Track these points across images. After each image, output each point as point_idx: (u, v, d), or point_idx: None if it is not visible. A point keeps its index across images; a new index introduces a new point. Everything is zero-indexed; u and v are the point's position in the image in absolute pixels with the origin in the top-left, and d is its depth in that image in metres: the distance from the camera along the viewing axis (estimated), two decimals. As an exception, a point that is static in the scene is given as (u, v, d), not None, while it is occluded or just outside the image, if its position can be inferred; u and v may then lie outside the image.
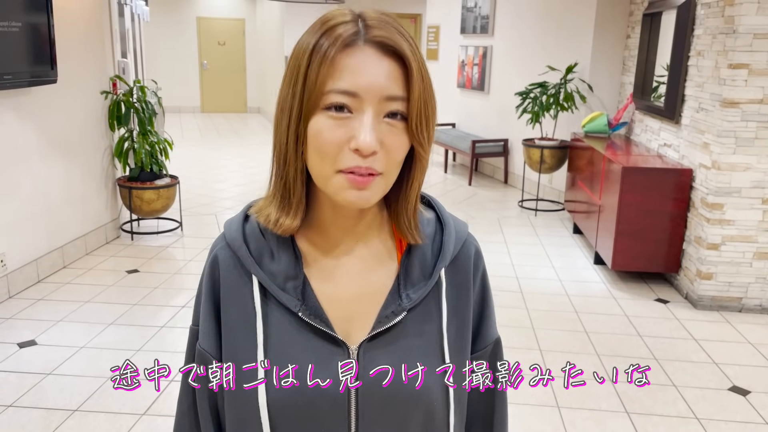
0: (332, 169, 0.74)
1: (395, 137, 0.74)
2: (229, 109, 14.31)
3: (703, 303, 3.92)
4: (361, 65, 0.72)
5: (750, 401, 2.93)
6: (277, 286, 0.81)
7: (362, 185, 0.73)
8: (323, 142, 0.73)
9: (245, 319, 0.82)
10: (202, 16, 13.78)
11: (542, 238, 5.30)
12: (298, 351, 0.80)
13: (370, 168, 0.73)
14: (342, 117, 0.72)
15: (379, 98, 0.72)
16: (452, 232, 0.86)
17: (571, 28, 6.04)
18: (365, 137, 0.71)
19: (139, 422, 2.62)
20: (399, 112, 0.73)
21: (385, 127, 0.73)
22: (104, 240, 4.86)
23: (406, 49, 0.73)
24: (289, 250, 0.82)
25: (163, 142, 5.03)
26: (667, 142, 4.55)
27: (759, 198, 3.76)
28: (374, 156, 0.73)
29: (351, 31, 0.73)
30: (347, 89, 0.71)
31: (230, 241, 0.84)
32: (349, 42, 0.72)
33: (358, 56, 0.72)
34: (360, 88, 0.72)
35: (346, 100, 0.72)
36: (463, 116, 8.22)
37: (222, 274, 0.84)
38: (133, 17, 7.04)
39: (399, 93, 0.73)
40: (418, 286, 0.83)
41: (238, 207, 6.04)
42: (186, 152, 8.85)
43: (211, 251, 0.87)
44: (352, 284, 0.83)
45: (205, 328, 0.85)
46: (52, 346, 3.24)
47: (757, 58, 3.60)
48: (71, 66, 4.32)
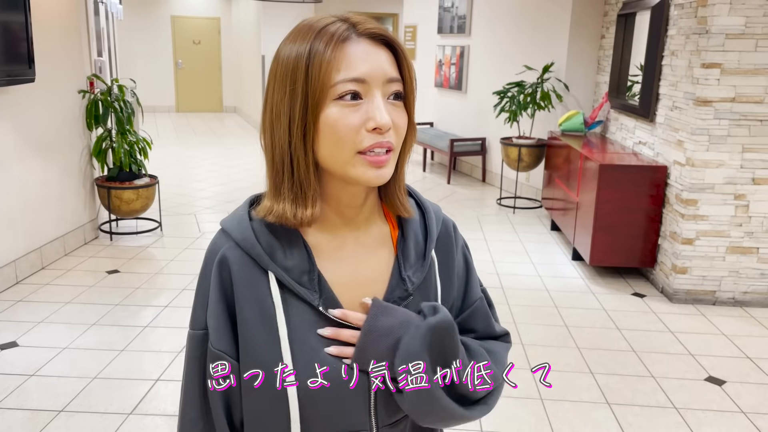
0: (352, 152, 0.80)
1: (400, 115, 0.82)
2: (204, 109, 14.19)
3: (678, 297, 4.02)
4: (363, 54, 0.79)
5: (725, 390, 3.02)
6: (294, 281, 0.84)
7: (381, 164, 0.81)
8: (341, 129, 0.79)
9: (264, 317, 0.84)
10: (177, 15, 13.65)
11: (521, 235, 5.38)
12: (321, 342, 0.84)
13: (389, 143, 0.81)
14: (355, 104, 0.79)
15: (383, 81, 0.80)
16: (432, 215, 0.95)
17: (547, 28, 6.13)
18: (382, 115, 0.78)
19: (127, 421, 2.61)
20: (399, 92, 0.82)
21: (390, 107, 0.81)
22: (83, 241, 4.81)
23: (394, 37, 0.83)
24: (300, 245, 0.85)
25: (142, 141, 4.99)
26: (642, 140, 4.65)
27: (731, 194, 3.87)
28: (389, 132, 0.81)
29: (343, 27, 0.80)
30: (356, 77, 0.78)
31: (240, 241, 0.85)
32: (344, 37, 0.79)
33: (356, 48, 0.79)
34: (367, 74, 0.79)
35: (357, 87, 0.79)
36: (441, 115, 8.28)
37: (234, 274, 0.85)
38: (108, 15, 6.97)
39: (397, 75, 0.82)
40: (415, 267, 0.90)
41: (218, 206, 6.02)
42: (163, 152, 8.77)
43: (211, 253, 0.88)
44: (357, 271, 0.88)
45: (218, 329, 0.86)
46: (33, 348, 3.21)
47: (729, 57, 3.70)
48: (48, 65, 4.27)
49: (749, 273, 3.95)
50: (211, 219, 5.62)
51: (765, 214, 3.87)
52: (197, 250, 4.75)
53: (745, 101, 3.74)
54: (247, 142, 10.23)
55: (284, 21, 10.71)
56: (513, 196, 6.51)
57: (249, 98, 12.35)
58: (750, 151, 3.80)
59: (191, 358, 0.89)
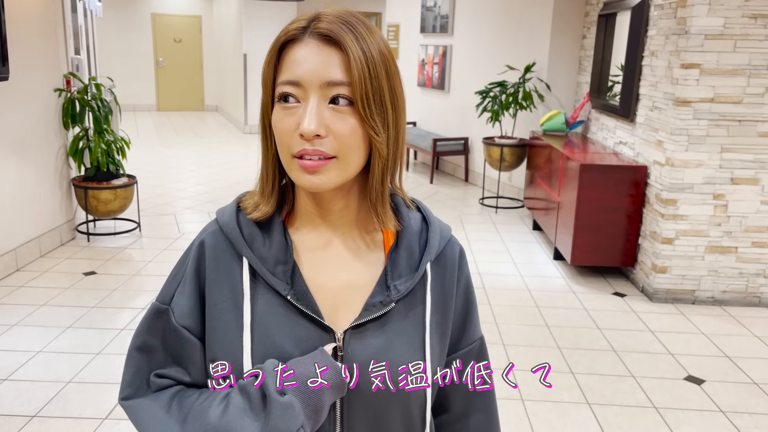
0: (289, 156, 0.79)
1: (341, 121, 0.77)
2: (185, 108, 14.07)
3: (658, 296, 4.04)
4: (303, 56, 0.77)
5: (705, 390, 3.03)
6: (267, 270, 0.83)
7: (313, 170, 0.77)
8: (278, 132, 0.79)
9: (233, 301, 0.84)
10: (157, 13, 13.51)
11: (503, 235, 5.38)
12: (284, 335, 0.82)
13: (318, 151, 0.76)
14: (291, 107, 0.77)
15: (320, 84, 0.76)
16: (437, 230, 0.91)
17: (529, 28, 6.14)
18: (307, 122, 0.75)
19: (102, 426, 2.56)
20: (342, 96, 0.76)
21: (330, 112, 0.77)
22: (59, 242, 4.73)
23: (345, 38, 0.76)
24: (281, 237, 0.85)
25: (120, 140, 4.92)
26: (622, 140, 4.67)
27: (710, 194, 3.89)
28: (320, 140, 0.76)
29: (298, 27, 0.78)
30: (290, 79, 0.77)
31: (223, 225, 0.86)
32: (293, 37, 0.78)
33: (301, 49, 0.77)
34: (301, 77, 0.76)
35: (291, 89, 0.77)
36: (423, 115, 8.27)
37: (209, 258, 0.86)
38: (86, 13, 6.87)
39: (339, 78, 0.76)
40: (405, 278, 0.86)
41: (198, 207, 5.96)
42: (142, 151, 8.67)
43: (198, 235, 0.89)
44: (340, 274, 0.86)
45: (185, 307, 0.86)
46: (7, 351, 3.14)
47: (708, 58, 3.73)
48: (23, 63, 4.19)
49: (728, 272, 3.98)
50: (190, 219, 5.56)
51: (743, 214, 3.90)
52: (176, 251, 4.69)
53: (724, 101, 3.77)
54: (229, 141, 10.15)
55: (266, 19, 10.64)
56: (495, 195, 6.51)
57: (231, 97, 12.25)
58: (729, 151, 3.83)
59: (147, 327, 0.89)
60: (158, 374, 0.88)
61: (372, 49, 0.78)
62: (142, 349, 0.89)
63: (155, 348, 0.88)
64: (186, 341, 0.86)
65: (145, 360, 0.89)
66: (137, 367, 0.89)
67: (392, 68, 0.80)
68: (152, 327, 0.89)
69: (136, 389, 0.88)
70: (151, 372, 0.88)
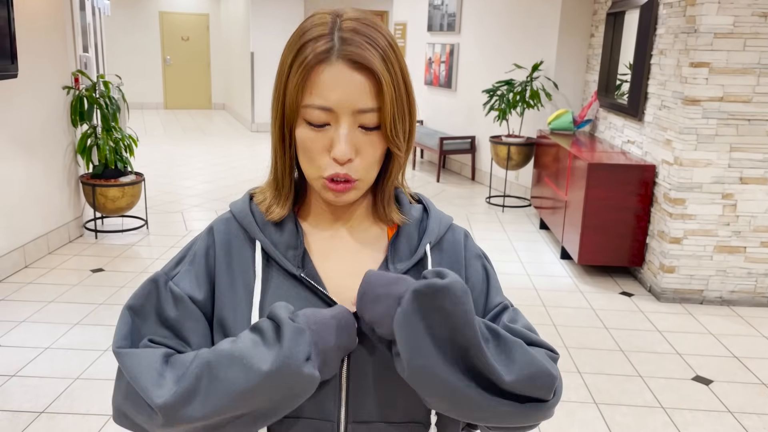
0: (316, 174, 0.82)
1: (370, 146, 0.81)
2: (193, 106, 14.10)
3: (666, 296, 4.02)
4: (334, 81, 0.77)
5: (713, 390, 3.02)
6: (279, 252, 0.87)
7: (341, 191, 0.82)
8: (308, 150, 0.81)
9: (244, 282, 0.86)
10: (165, 11, 13.55)
11: (510, 234, 5.37)
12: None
13: (347, 175, 0.80)
14: (321, 129, 0.80)
15: (352, 111, 0.78)
16: (436, 218, 0.94)
17: (537, 26, 6.12)
18: (341, 148, 0.78)
19: (109, 423, 2.57)
20: (373, 124, 0.79)
21: (360, 136, 0.80)
22: (67, 239, 4.75)
23: (376, 64, 0.77)
24: (292, 225, 0.89)
25: (128, 138, 4.94)
26: (630, 139, 4.65)
27: (719, 193, 3.87)
28: (350, 163, 0.80)
29: (324, 48, 0.77)
30: (322, 105, 0.77)
31: (236, 212, 0.90)
32: (322, 58, 0.77)
33: (331, 72, 0.77)
34: (333, 104, 0.77)
35: (322, 114, 0.78)
36: (430, 113, 8.26)
37: (218, 241, 0.89)
38: (95, 11, 6.89)
39: (371, 105, 0.78)
40: (405, 262, 0.89)
41: (205, 204, 5.98)
42: (150, 149, 8.70)
43: (208, 226, 0.93)
44: (346, 260, 0.90)
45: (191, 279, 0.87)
46: (15, 348, 3.16)
47: (718, 56, 3.70)
48: (32, 60, 4.20)
49: (736, 272, 3.96)
50: (197, 217, 5.57)
51: (752, 214, 3.88)
52: (184, 249, 4.70)
53: (734, 100, 3.74)
54: (236, 139, 10.17)
55: (273, 18, 10.65)
56: (502, 194, 6.50)
57: (238, 95, 12.27)
58: (738, 150, 3.81)
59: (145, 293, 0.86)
60: (152, 340, 0.84)
61: (396, 67, 0.80)
62: (134, 311, 0.85)
63: (148, 314, 0.85)
64: (189, 310, 0.85)
65: (138, 322, 0.85)
66: (130, 327, 0.84)
67: (409, 77, 0.82)
68: (149, 294, 0.86)
69: (131, 343, 0.83)
70: (144, 337, 0.84)
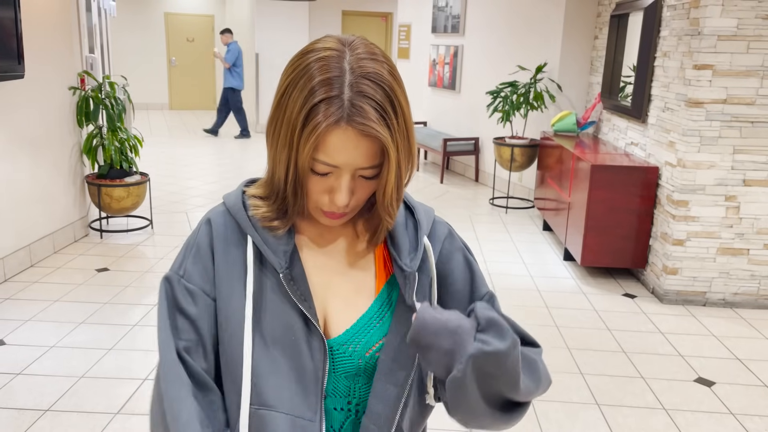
0: (314, 205, 0.89)
1: (364, 188, 0.87)
2: (198, 107, 14.13)
3: (668, 297, 4.02)
4: (342, 144, 0.81)
5: (715, 392, 3.02)
6: (269, 248, 0.90)
7: (336, 218, 0.89)
8: (309, 189, 0.87)
9: (238, 275, 0.90)
10: (171, 12, 13.59)
11: (513, 235, 5.37)
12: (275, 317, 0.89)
13: (342, 213, 0.88)
14: (324, 176, 0.85)
15: (356, 168, 0.84)
16: (421, 211, 0.99)
17: (541, 28, 6.13)
18: (341, 198, 0.84)
19: (114, 421, 2.59)
20: (373, 174, 0.85)
21: (360, 181, 0.86)
22: (72, 238, 4.77)
23: (382, 133, 0.81)
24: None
25: (133, 138, 4.97)
26: (634, 141, 4.65)
27: (722, 195, 3.87)
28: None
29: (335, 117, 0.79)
30: (329, 162, 0.83)
31: (230, 207, 0.93)
32: (333, 123, 0.80)
33: (340, 137, 0.81)
34: (340, 163, 0.83)
35: (329, 169, 0.84)
36: (434, 115, 8.27)
37: (215, 232, 0.92)
38: (100, 12, 6.92)
39: (374, 163, 0.84)
40: (411, 256, 0.93)
41: (210, 204, 5.99)
42: (155, 150, 8.73)
43: (205, 216, 0.96)
44: (337, 256, 0.95)
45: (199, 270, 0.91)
46: (21, 346, 3.18)
47: (721, 59, 3.71)
48: (38, 61, 4.23)
49: (739, 274, 3.96)
50: (202, 217, 5.59)
51: (755, 216, 3.88)
52: (188, 249, 4.72)
53: (737, 103, 3.75)
54: (241, 140, 10.19)
55: (278, 19, 10.67)
56: (505, 196, 6.50)
57: (243, 96, 12.29)
58: (741, 152, 3.81)
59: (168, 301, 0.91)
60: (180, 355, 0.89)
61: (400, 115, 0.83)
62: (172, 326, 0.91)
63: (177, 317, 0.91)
64: (206, 305, 0.90)
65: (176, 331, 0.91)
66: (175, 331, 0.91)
67: (410, 116, 0.86)
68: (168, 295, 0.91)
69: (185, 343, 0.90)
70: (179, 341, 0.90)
